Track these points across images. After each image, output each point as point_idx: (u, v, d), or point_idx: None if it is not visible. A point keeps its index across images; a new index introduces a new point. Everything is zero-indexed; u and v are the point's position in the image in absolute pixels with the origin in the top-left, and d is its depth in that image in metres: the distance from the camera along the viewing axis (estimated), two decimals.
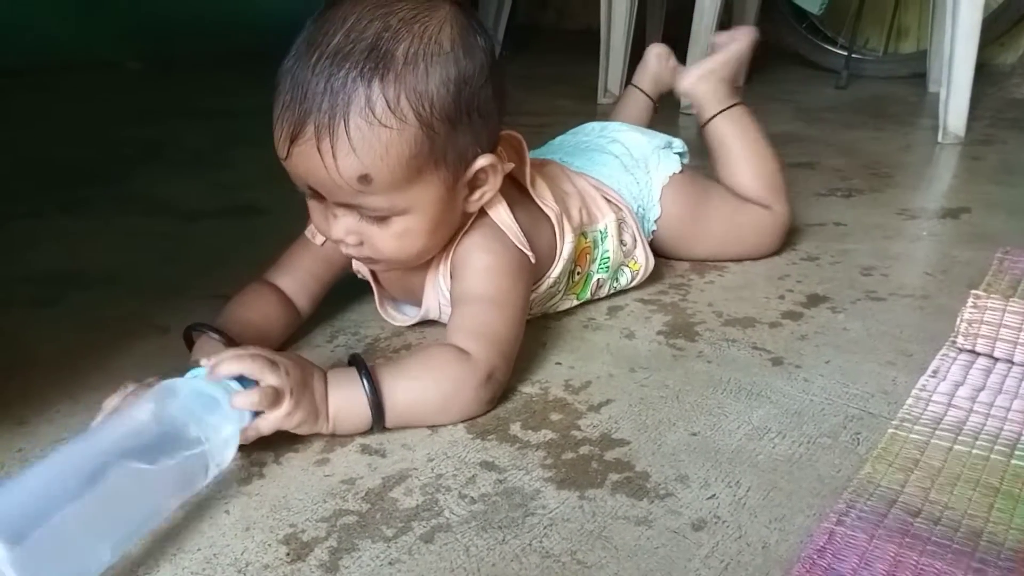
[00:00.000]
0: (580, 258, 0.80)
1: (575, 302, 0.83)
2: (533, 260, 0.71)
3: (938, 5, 1.87)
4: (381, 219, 0.64)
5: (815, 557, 0.48)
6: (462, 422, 0.63)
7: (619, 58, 1.88)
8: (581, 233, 0.79)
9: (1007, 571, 0.47)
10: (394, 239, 0.65)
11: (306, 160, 0.60)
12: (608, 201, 0.84)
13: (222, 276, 0.76)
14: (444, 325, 0.74)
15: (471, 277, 0.68)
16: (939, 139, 1.51)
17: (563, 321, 0.81)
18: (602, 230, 0.82)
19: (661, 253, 0.92)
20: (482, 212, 0.70)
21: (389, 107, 0.58)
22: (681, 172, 0.92)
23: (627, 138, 0.93)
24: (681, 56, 1.79)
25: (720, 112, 0.98)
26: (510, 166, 0.71)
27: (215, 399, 0.54)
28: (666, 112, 1.77)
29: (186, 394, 0.54)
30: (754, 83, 2.12)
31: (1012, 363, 0.70)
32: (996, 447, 0.59)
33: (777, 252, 0.98)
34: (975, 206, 1.15)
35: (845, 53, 2.14)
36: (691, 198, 0.92)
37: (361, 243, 0.65)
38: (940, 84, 1.53)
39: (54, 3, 2.13)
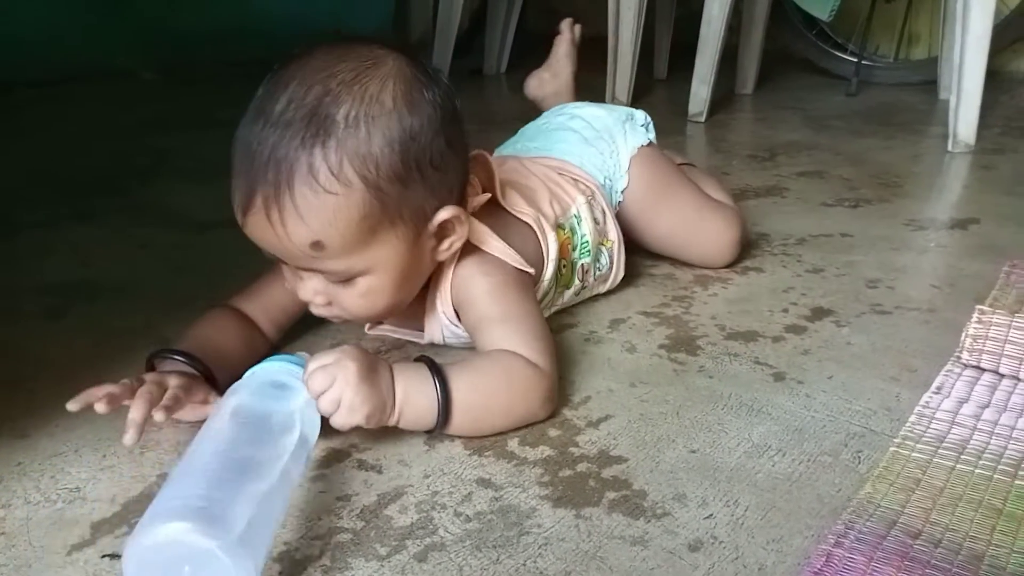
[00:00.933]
0: (563, 249, 0.80)
1: (567, 293, 0.83)
2: (534, 272, 0.72)
3: (948, 11, 1.85)
4: (345, 280, 0.63)
5: None
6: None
7: (627, 65, 1.87)
8: (559, 226, 0.79)
9: None
10: (360, 298, 0.64)
11: (260, 230, 0.60)
12: (575, 181, 0.84)
13: (229, 287, 0.76)
14: (446, 346, 0.75)
15: (481, 302, 0.68)
16: (949, 148, 1.50)
17: (564, 334, 0.81)
18: (575, 215, 0.82)
19: (625, 232, 0.90)
20: (472, 246, 0.69)
21: (332, 173, 0.57)
22: (650, 145, 0.92)
23: (586, 112, 0.93)
24: (690, 62, 1.79)
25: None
26: (483, 198, 0.71)
27: (287, 385, 0.56)
28: (675, 119, 1.78)
29: (259, 386, 0.56)
30: (764, 90, 2.11)
31: (1018, 379, 0.69)
32: (1000, 467, 0.58)
33: (730, 265, 0.96)
34: (984, 217, 1.14)
35: (855, 60, 2.13)
36: (658, 171, 0.92)
37: (330, 303, 0.65)
38: (951, 92, 1.51)
39: (69, 14, 2.15)
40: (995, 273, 0.92)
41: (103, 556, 0.51)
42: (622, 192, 0.90)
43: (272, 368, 0.58)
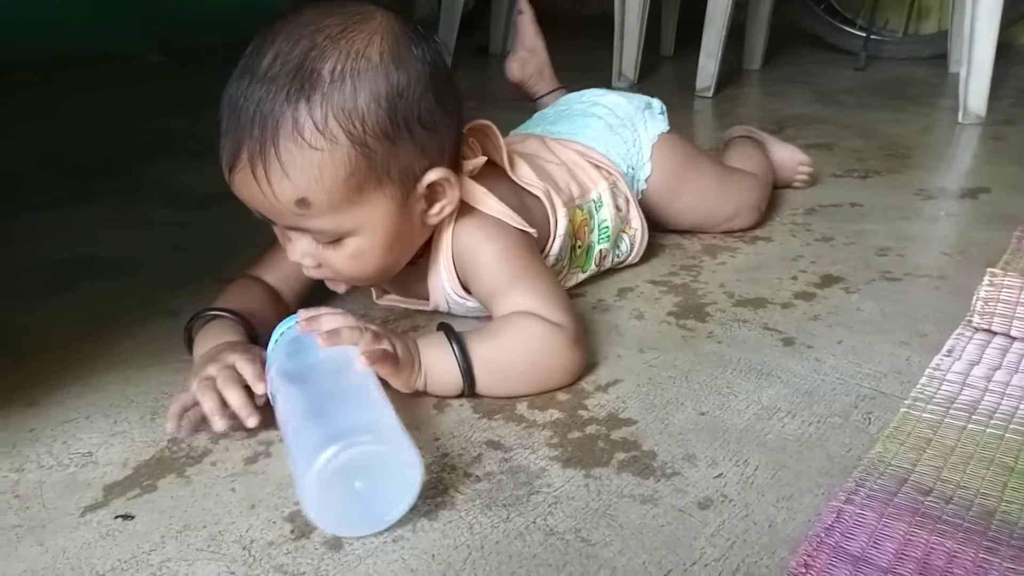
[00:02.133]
0: (579, 231, 0.80)
1: (581, 276, 0.83)
2: (536, 233, 0.71)
3: None
4: (334, 241, 0.63)
5: (823, 536, 0.48)
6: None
7: (633, 42, 1.86)
8: (576, 206, 0.79)
9: (1020, 550, 0.46)
10: (349, 259, 0.64)
11: (246, 187, 0.59)
12: (598, 167, 0.83)
13: (232, 261, 0.76)
14: (450, 314, 0.75)
15: (490, 269, 0.67)
16: (959, 119, 1.48)
17: (573, 302, 0.80)
18: (596, 199, 0.82)
19: (648, 212, 0.90)
20: (467, 207, 0.69)
21: (318, 128, 0.57)
22: (669, 132, 0.92)
23: (608, 100, 0.93)
24: (697, 38, 1.78)
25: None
26: (480, 160, 0.70)
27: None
28: (682, 95, 1.76)
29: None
30: (772, 66, 2.09)
31: None
32: (1011, 426, 0.58)
33: (758, 224, 0.99)
34: (995, 186, 1.13)
35: (864, 34, 2.11)
36: (680, 156, 0.92)
37: (319, 265, 0.65)
38: (961, 64, 1.50)
39: None
40: (1005, 241, 0.92)
41: (116, 517, 0.51)
42: (645, 180, 0.90)
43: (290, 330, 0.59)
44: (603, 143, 0.87)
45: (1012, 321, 0.69)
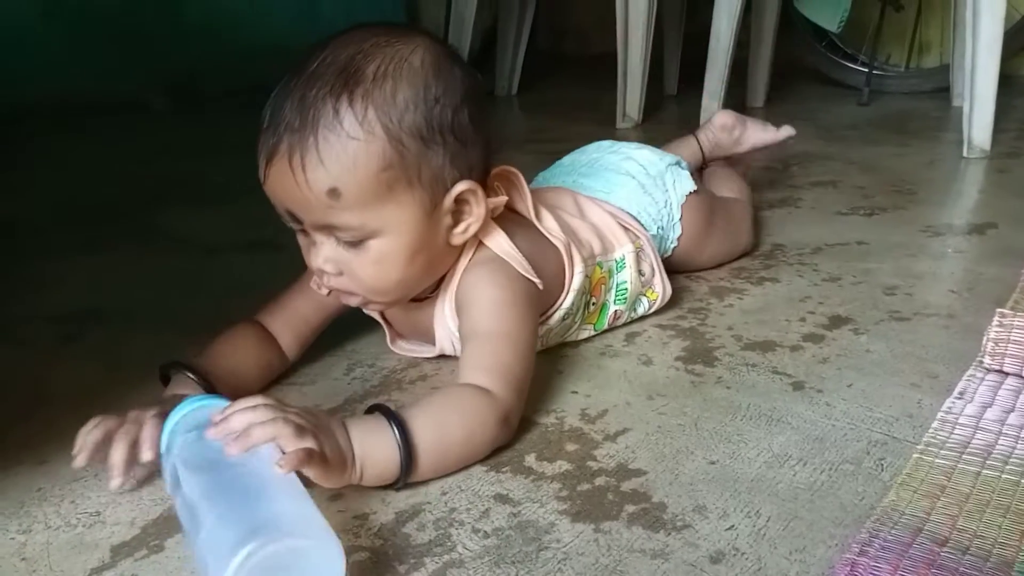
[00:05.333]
0: (595, 288, 0.79)
1: (591, 332, 0.82)
2: (541, 286, 0.70)
3: (959, 18, 1.84)
4: (357, 244, 0.63)
5: None
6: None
7: (637, 82, 1.88)
8: (596, 263, 0.79)
9: None
10: (371, 265, 0.64)
11: (280, 178, 0.61)
12: (626, 229, 0.83)
13: (239, 311, 0.76)
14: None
15: (479, 313, 0.67)
16: (964, 153, 1.49)
17: (580, 348, 0.81)
18: (618, 259, 0.81)
19: (669, 267, 0.90)
20: (481, 244, 0.70)
21: (356, 119, 0.59)
22: (696, 191, 0.92)
23: (640, 156, 0.93)
24: (700, 76, 1.80)
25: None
26: (502, 199, 0.70)
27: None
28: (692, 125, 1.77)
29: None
30: (774, 101, 2.11)
31: None
32: None
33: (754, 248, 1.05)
34: (1002, 221, 1.13)
35: (866, 70, 2.12)
36: (704, 214, 0.94)
37: (340, 272, 0.65)
38: (964, 98, 1.50)
39: (82, 44, 2.19)
40: (1014, 277, 0.91)
41: None
42: (676, 239, 0.92)
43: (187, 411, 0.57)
44: (635, 204, 0.87)
45: (1023, 361, 0.69)
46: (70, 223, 1.33)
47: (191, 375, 0.65)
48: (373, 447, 0.56)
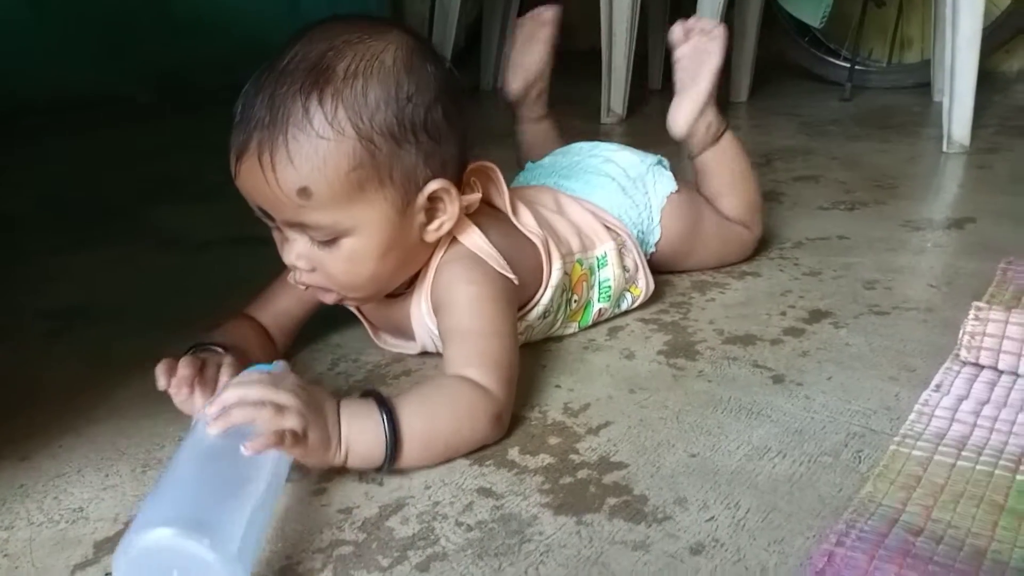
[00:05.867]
0: (576, 286, 0.80)
1: (576, 329, 0.83)
2: (516, 282, 0.70)
3: (939, 14, 1.86)
4: (330, 242, 0.63)
5: None
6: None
7: (621, 77, 1.89)
8: (576, 260, 0.79)
9: None
10: (343, 262, 0.64)
11: (251, 176, 0.61)
12: (607, 228, 0.83)
13: (228, 307, 0.77)
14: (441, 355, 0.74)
15: (458, 311, 0.67)
16: (944, 149, 1.50)
17: (563, 343, 0.81)
18: (600, 257, 0.81)
19: (653, 268, 0.90)
20: (455, 241, 0.70)
21: (326, 119, 0.59)
22: (677, 192, 0.92)
23: (621, 158, 0.93)
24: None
25: (711, 145, 0.97)
26: (476, 196, 0.70)
27: None
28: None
29: None
30: (757, 97, 2.12)
31: (1016, 375, 0.69)
32: (1000, 462, 0.58)
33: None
34: (980, 216, 1.14)
35: (848, 65, 2.14)
36: (687, 220, 0.93)
37: (313, 269, 0.65)
38: (944, 94, 1.52)
39: (73, 41, 2.17)
40: (992, 271, 0.92)
41: (106, 575, 0.51)
42: (655, 244, 0.91)
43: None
44: (616, 207, 0.87)
45: (999, 355, 0.70)
46: (59, 220, 1.32)
47: (218, 349, 0.67)
48: (360, 430, 0.57)
